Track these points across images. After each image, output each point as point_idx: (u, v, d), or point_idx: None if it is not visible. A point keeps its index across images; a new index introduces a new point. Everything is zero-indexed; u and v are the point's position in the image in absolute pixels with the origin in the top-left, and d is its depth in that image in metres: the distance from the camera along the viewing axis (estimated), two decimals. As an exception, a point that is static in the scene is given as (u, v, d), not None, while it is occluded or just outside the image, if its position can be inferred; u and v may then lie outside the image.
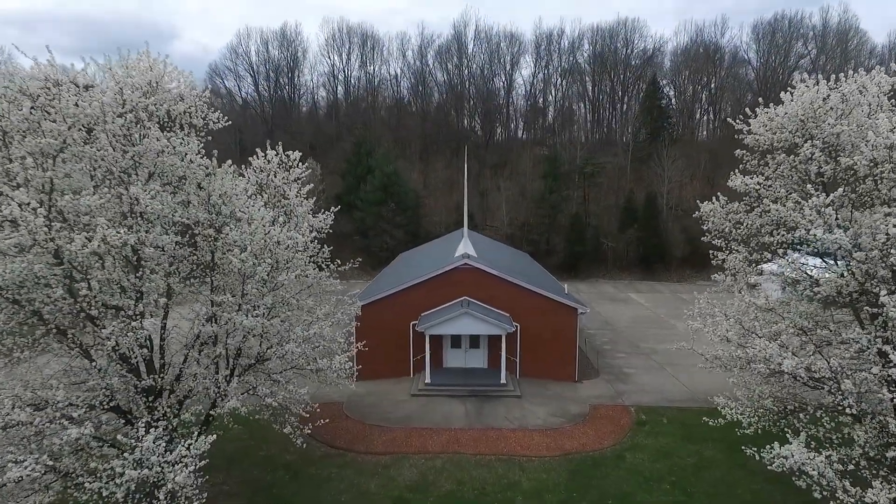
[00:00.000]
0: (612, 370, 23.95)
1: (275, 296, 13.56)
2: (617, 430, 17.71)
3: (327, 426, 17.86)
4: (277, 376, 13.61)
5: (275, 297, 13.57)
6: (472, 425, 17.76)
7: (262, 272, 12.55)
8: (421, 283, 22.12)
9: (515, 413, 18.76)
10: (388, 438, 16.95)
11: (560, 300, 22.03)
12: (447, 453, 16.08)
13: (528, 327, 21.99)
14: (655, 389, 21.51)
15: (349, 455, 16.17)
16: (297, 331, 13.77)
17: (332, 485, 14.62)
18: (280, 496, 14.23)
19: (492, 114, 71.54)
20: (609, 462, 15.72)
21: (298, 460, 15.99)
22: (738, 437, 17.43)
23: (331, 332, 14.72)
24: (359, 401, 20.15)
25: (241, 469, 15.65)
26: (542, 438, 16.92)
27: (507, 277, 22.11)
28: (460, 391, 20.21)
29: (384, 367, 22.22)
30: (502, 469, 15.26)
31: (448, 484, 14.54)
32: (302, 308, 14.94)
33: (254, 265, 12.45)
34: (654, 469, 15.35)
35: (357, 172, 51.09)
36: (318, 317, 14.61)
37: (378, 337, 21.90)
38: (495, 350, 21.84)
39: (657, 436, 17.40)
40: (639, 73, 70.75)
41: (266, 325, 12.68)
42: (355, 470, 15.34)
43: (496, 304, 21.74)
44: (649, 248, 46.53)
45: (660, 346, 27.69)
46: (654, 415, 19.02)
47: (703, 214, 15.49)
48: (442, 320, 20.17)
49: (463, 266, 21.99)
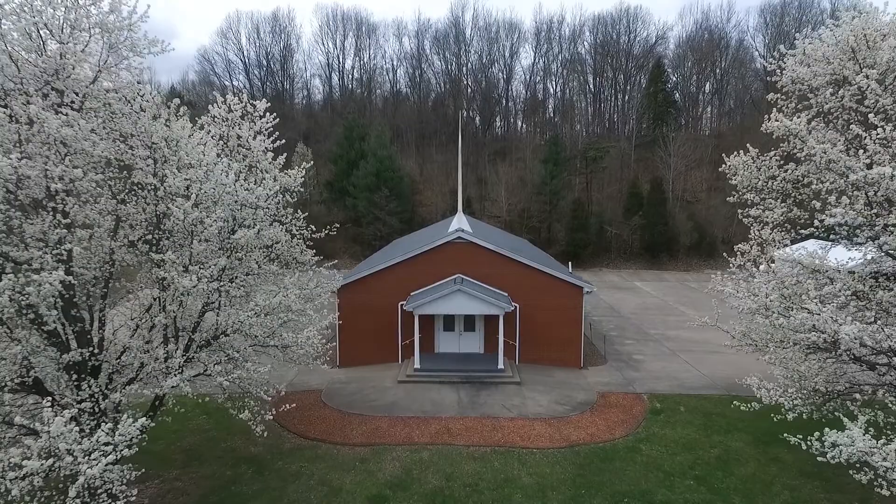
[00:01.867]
0: (621, 357, 21.89)
1: (231, 258, 11.51)
2: (629, 419, 15.64)
3: (301, 415, 15.82)
4: (234, 353, 11.53)
5: (231, 259, 11.52)
6: (465, 413, 15.69)
7: (212, 227, 10.50)
8: (410, 260, 20.04)
9: (514, 400, 16.68)
10: (369, 428, 14.88)
11: (564, 278, 19.95)
12: (436, 444, 14.02)
13: (529, 308, 19.92)
14: (669, 376, 19.44)
15: (323, 447, 14.10)
16: (258, 299, 11.70)
17: (300, 481, 12.55)
18: (239, 493, 12.15)
19: (491, 103, 69.40)
20: (622, 455, 13.65)
21: (265, 453, 13.93)
22: (767, 426, 15.42)
23: (300, 304, 12.66)
24: (339, 388, 18.07)
25: (200, 463, 13.57)
26: (544, 428, 14.85)
27: (505, 253, 20.03)
28: (453, 377, 18.13)
29: (369, 352, 20.15)
30: (499, 462, 13.18)
31: (435, 479, 12.47)
32: (267, 276, 12.89)
33: (200, 219, 10.41)
34: (675, 463, 13.28)
35: (349, 157, 49.00)
36: (286, 286, 12.52)
37: (363, 320, 19.87)
38: (492, 333, 19.76)
39: (675, 426, 15.34)
40: (641, 63, 68.63)
41: (212, 290, 10.61)
42: (329, 464, 13.26)
43: (493, 283, 19.67)
44: (655, 236, 44.43)
45: (671, 333, 25.67)
46: (670, 403, 16.96)
47: (730, 168, 13.38)
48: (432, 299, 18.10)
49: (457, 240, 19.92)
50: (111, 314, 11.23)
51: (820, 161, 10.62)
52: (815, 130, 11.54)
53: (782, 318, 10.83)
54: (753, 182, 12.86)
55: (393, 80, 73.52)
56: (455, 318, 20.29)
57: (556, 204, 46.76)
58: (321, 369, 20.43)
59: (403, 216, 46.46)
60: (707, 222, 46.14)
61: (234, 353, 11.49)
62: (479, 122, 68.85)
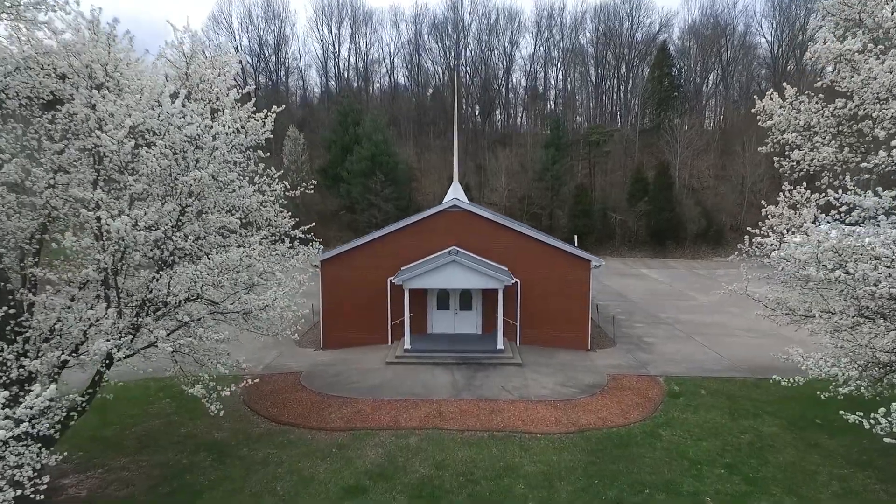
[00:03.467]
0: (631, 339, 20.11)
1: (184, 208, 9.71)
2: (645, 402, 13.86)
3: (276, 398, 14.06)
4: (185, 316, 9.73)
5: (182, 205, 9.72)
6: (460, 396, 13.90)
7: (151, 162, 8.73)
8: (400, 231, 18.25)
9: (515, 382, 14.89)
10: (350, 412, 13.09)
11: (570, 250, 18.15)
12: (425, 429, 12.23)
13: (531, 285, 18.13)
14: (686, 359, 17.66)
15: (296, 432, 12.32)
16: (213, 255, 9.89)
17: (266, 469, 10.77)
18: (193, 484, 10.36)
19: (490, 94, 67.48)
20: (640, 440, 11.86)
21: (230, 439, 12.15)
22: (800, 410, 13.66)
23: (266, 264, 10.86)
24: (321, 370, 16.28)
25: (154, 450, 11.79)
26: (549, 411, 13.06)
27: (505, 222, 18.27)
28: (447, 358, 16.33)
29: (356, 333, 18.36)
30: (497, 449, 11.40)
31: (423, 468, 10.68)
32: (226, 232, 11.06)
33: (137, 153, 8.67)
34: (701, 449, 11.49)
35: (343, 143, 47.15)
36: (249, 243, 10.72)
37: (349, 297, 18.10)
38: (491, 312, 17.98)
39: (697, 409, 13.56)
40: (645, 52, 66.62)
41: (155, 241, 8.82)
42: (301, 450, 11.48)
43: (492, 257, 17.87)
44: (661, 223, 42.58)
45: (683, 317, 23.90)
46: (690, 386, 15.18)
47: (763, 109, 11.54)
48: (424, 271, 16.30)
49: (452, 209, 18.12)
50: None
51: (882, 86, 8.84)
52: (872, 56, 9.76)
53: (839, 270, 9.00)
54: (794, 122, 11.04)
55: (390, 68, 71.68)
56: (450, 294, 18.50)
57: (558, 190, 44.93)
58: (303, 351, 18.72)
59: (400, 203, 44.61)
60: (715, 209, 44.35)
61: (184, 317, 9.68)
62: (479, 110, 67.01)
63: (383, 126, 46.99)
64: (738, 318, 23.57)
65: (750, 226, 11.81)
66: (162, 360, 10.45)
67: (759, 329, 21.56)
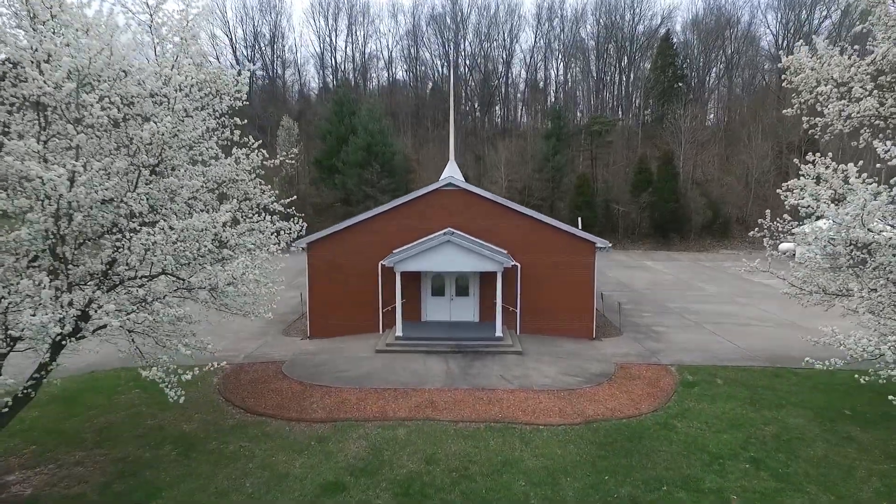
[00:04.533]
0: (638, 328, 18.95)
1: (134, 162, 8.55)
2: (657, 392, 12.69)
3: (254, 388, 12.90)
4: (139, 290, 8.55)
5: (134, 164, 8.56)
6: (455, 385, 12.73)
7: (94, 110, 7.57)
8: (392, 212, 17.08)
9: (515, 371, 13.73)
10: (333, 402, 11.92)
11: (573, 232, 16.98)
12: (415, 420, 11.07)
13: (532, 269, 16.96)
14: (699, 348, 16.49)
15: (273, 424, 11.15)
16: (173, 220, 8.71)
17: (236, 464, 9.60)
18: (152, 481, 9.19)
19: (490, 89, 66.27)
20: (653, 433, 10.69)
21: (199, 431, 10.98)
22: (827, 401, 12.46)
23: (237, 237, 9.67)
24: (305, 359, 15.12)
25: (115, 443, 10.61)
26: (552, 401, 11.89)
27: (504, 202, 17.09)
28: (442, 346, 15.17)
29: (345, 321, 17.20)
30: (495, 442, 10.23)
31: (412, 462, 9.52)
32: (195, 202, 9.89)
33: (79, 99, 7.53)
34: (722, 442, 10.32)
35: (339, 133, 45.95)
36: (215, 208, 9.57)
37: (337, 283, 16.94)
38: (489, 298, 16.81)
39: (714, 399, 12.39)
40: (646, 46, 65.28)
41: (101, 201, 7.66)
42: (277, 443, 10.32)
43: (491, 240, 16.73)
44: (666, 214, 41.36)
45: (692, 307, 22.72)
46: (704, 375, 14.02)
47: (791, 68, 10.37)
48: (417, 252, 15.13)
49: (447, 188, 16.95)
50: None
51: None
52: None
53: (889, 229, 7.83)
54: (826, 76, 9.85)
55: (388, 61, 70.47)
56: (445, 279, 17.34)
57: (559, 181, 43.75)
58: (289, 340, 17.56)
59: (396, 194, 43.18)
60: (721, 201, 43.15)
61: (138, 292, 8.50)
62: (478, 103, 65.82)
63: (380, 115, 45.80)
64: (750, 308, 22.43)
65: (757, 218, 10.82)
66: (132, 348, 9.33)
67: (772, 319, 20.44)
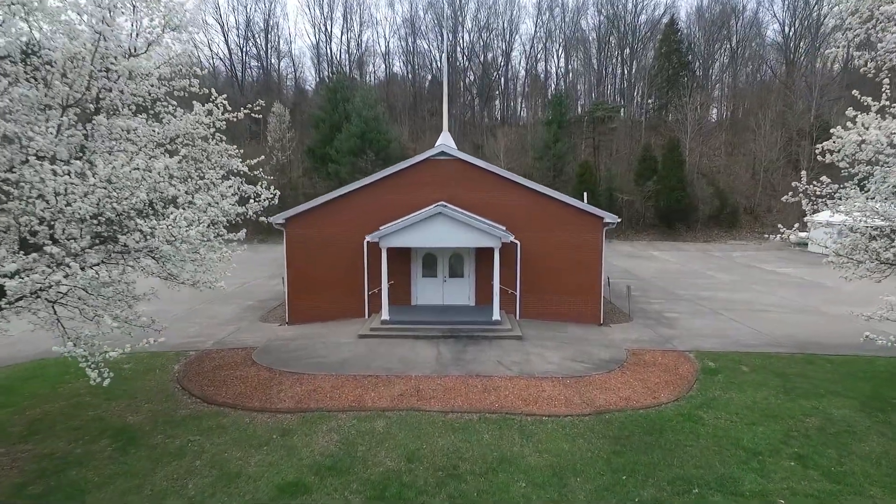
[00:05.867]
0: (648, 314, 17.38)
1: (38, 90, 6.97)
2: (676, 380, 11.12)
3: (215, 375, 11.34)
4: (50, 246, 6.95)
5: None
6: (446, 372, 11.15)
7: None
8: (378, 184, 15.50)
9: (514, 357, 12.15)
10: (305, 390, 10.34)
11: (580, 207, 15.41)
12: (397, 410, 9.50)
13: (533, 247, 15.39)
14: (717, 334, 14.93)
15: (232, 415, 9.58)
16: (100, 166, 7.12)
17: (181, 462, 8.03)
18: (77, 482, 7.62)
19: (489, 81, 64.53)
20: (676, 425, 9.13)
21: (146, 423, 9.41)
22: (871, 388, 10.92)
23: (183, 193, 8.07)
24: (280, 345, 13.55)
25: (45, 436, 9.05)
26: (557, 389, 10.32)
27: (503, 174, 15.52)
28: (432, 331, 13.59)
29: (328, 304, 15.63)
30: (490, 435, 8.66)
31: (390, 459, 7.95)
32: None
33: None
34: (758, 436, 8.75)
35: (332, 121, 44.35)
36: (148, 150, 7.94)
37: (319, 263, 15.37)
38: (486, 281, 15.24)
39: (742, 388, 10.82)
40: (648, 37, 63.49)
41: None
42: (233, 437, 8.75)
43: (489, 215, 15.12)
44: (671, 203, 39.74)
45: (704, 294, 21.16)
46: (727, 361, 12.45)
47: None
48: (406, 225, 13.56)
49: (439, 157, 15.37)
50: None
51: None
52: None
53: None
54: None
55: (385, 53, 68.83)
56: (437, 259, 15.76)
57: (560, 170, 42.14)
58: (266, 327, 15.97)
59: (391, 184, 41.81)
60: (728, 190, 41.57)
61: (52, 249, 6.91)
62: (476, 92, 64.19)
63: (375, 101, 44.19)
64: (767, 295, 20.86)
65: (765, 209, 9.26)
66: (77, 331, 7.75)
67: (791, 305, 18.90)
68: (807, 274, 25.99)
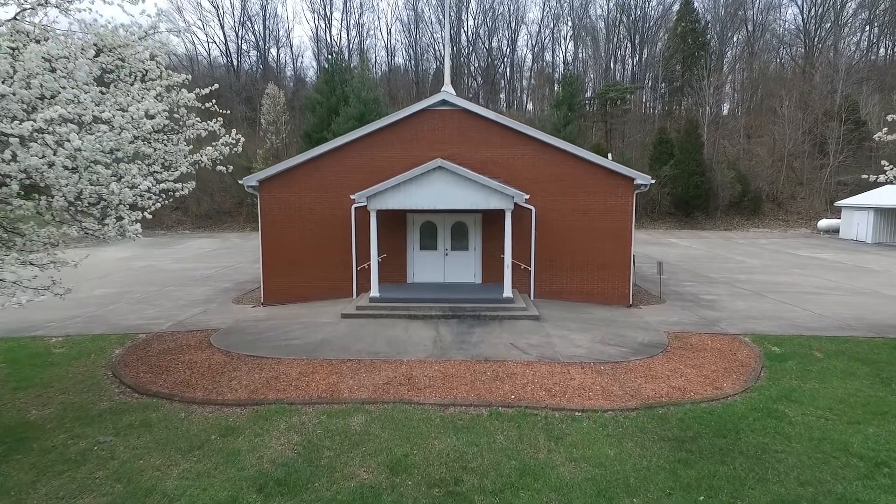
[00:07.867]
0: (683, 297, 15.05)
1: None
2: (736, 367, 8.78)
3: (159, 360, 9.10)
4: None
5: None
6: (446, 356, 8.85)
7: None
8: (367, 139, 13.22)
9: (531, 339, 9.83)
10: (265, 378, 8.07)
11: (606, 165, 13.08)
12: (381, 403, 7.21)
13: (551, 215, 13.08)
14: (769, 316, 12.56)
15: (166, 407, 7.32)
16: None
17: (76, 472, 5.77)
18: (-77, 500, 5.36)
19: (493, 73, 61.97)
20: (754, 423, 6.79)
21: (50, 419, 7.17)
22: None
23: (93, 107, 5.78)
24: (247, 326, 11.29)
25: (-83, 438, 6.79)
26: (590, 377, 8.00)
27: (515, 126, 13.20)
28: (431, 310, 11.28)
29: (309, 282, 13.39)
30: (506, 436, 6.36)
31: (367, 469, 5.66)
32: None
33: None
34: (871, 439, 6.41)
35: (330, 104, 42.06)
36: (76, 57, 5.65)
37: (299, 234, 13.15)
38: (494, 255, 12.94)
39: (824, 377, 8.47)
40: (658, 25, 60.72)
41: None
42: (158, 437, 6.49)
43: (498, 176, 12.79)
44: (690, 189, 37.23)
45: (740, 277, 18.79)
46: (794, 346, 10.10)
47: None
48: (398, 183, 11.29)
49: (439, 107, 13.07)
50: None
51: None
52: None
53: None
54: None
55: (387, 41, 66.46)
56: (438, 227, 13.46)
57: (570, 154, 39.71)
58: (238, 308, 13.65)
59: (392, 169, 39.55)
60: (750, 174, 39.05)
61: None
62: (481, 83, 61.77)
63: (373, 83, 41.87)
64: (811, 278, 18.46)
65: (788, 196, 6.93)
66: None
67: (844, 288, 16.50)
68: (846, 259, 23.58)
